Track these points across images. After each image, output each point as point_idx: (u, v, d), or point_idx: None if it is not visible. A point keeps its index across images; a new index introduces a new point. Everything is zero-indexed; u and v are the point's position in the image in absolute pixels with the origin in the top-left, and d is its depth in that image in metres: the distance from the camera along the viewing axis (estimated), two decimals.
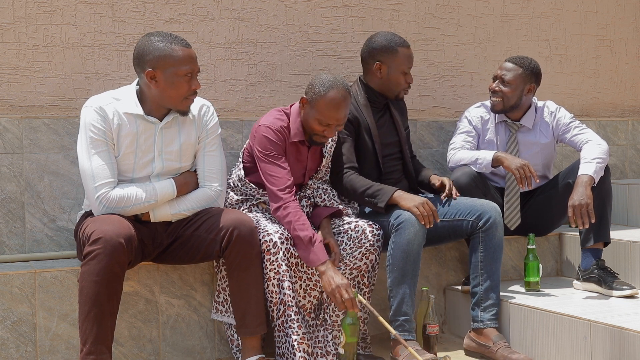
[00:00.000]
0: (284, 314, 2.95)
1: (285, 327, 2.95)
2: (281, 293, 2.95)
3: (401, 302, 3.12)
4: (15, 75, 3.31)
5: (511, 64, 3.66)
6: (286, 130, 3.14)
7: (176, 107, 2.89)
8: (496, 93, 3.67)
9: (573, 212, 3.30)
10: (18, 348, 2.94)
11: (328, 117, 3.06)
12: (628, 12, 4.81)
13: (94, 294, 2.61)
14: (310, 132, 3.15)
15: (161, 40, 2.82)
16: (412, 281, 3.14)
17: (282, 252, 2.95)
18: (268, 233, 2.96)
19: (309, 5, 3.88)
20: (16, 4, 3.30)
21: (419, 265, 3.16)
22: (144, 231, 2.89)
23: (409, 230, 3.11)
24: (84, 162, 2.82)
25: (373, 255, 3.17)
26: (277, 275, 2.95)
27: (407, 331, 3.11)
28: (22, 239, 3.28)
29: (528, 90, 3.67)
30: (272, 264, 2.95)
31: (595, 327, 2.91)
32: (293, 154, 3.18)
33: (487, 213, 3.28)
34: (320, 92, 3.06)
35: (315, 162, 3.30)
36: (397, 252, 3.12)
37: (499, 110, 3.69)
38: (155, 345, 3.12)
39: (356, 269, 3.16)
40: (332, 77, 3.10)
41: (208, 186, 3.00)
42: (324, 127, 3.08)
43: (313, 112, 3.08)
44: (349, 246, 3.15)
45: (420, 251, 3.16)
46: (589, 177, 3.37)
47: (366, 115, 3.42)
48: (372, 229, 3.16)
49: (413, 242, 3.12)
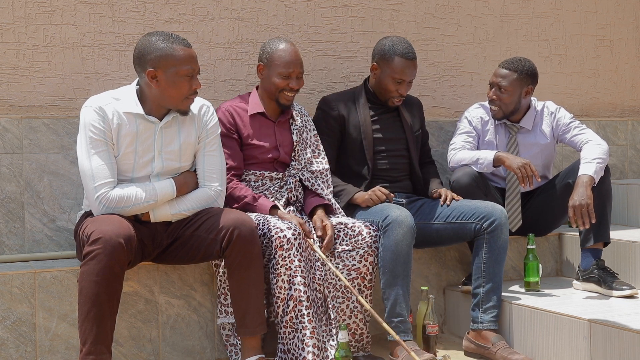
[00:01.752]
0: (293, 310, 2.95)
1: (295, 322, 2.95)
2: (291, 289, 2.96)
3: (394, 303, 3.12)
4: (15, 75, 3.31)
5: (505, 70, 3.63)
6: (237, 108, 3.29)
7: (177, 107, 2.89)
8: (494, 102, 3.67)
9: (573, 213, 3.30)
10: (18, 348, 2.94)
11: (287, 66, 3.23)
12: (628, 12, 4.81)
13: (94, 294, 2.61)
14: (275, 96, 3.27)
15: (162, 40, 2.82)
16: (404, 282, 3.14)
17: (294, 249, 2.97)
18: (281, 229, 2.98)
19: (308, 5, 3.88)
20: (16, 4, 3.30)
21: (410, 266, 3.16)
22: (144, 231, 2.89)
23: (396, 231, 3.11)
24: (84, 162, 2.82)
25: (372, 257, 3.17)
26: (289, 271, 2.96)
27: (403, 332, 3.11)
28: (21, 239, 3.28)
29: (526, 92, 3.66)
30: (285, 259, 2.96)
31: (595, 327, 2.91)
32: (257, 129, 3.28)
33: (492, 215, 3.28)
34: (271, 49, 3.27)
35: (287, 137, 3.34)
36: (387, 253, 3.13)
37: (500, 117, 3.69)
38: (155, 346, 3.12)
39: (355, 271, 3.16)
40: (273, 38, 3.34)
41: (208, 186, 3.00)
42: (286, 79, 3.23)
43: (272, 71, 3.25)
44: (345, 242, 3.16)
45: (410, 251, 3.15)
46: (589, 177, 3.37)
47: (361, 113, 3.44)
48: (369, 230, 3.17)
49: (401, 242, 3.11)
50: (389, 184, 3.51)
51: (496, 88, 3.65)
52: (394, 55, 3.42)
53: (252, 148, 3.27)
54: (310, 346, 2.89)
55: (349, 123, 3.47)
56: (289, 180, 3.29)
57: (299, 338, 2.93)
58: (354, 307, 3.18)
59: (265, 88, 3.30)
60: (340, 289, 3.16)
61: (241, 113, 3.29)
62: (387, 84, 3.45)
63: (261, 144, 3.27)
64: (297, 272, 2.96)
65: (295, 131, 3.35)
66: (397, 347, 3.09)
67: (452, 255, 3.75)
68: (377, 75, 3.48)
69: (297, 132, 3.35)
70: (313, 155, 3.38)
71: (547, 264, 3.92)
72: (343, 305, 3.15)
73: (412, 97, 3.72)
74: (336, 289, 3.16)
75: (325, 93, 3.89)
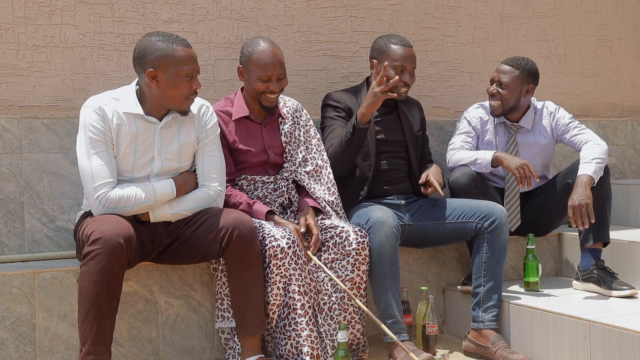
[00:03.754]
0: (287, 317, 2.95)
1: (289, 329, 2.94)
2: (286, 296, 2.95)
3: (386, 305, 3.12)
4: (15, 75, 3.31)
5: (508, 67, 3.65)
6: (221, 113, 3.25)
7: (177, 107, 2.89)
8: (494, 96, 3.67)
9: (573, 213, 3.30)
10: (17, 348, 2.94)
11: (265, 69, 3.15)
12: (627, 12, 4.81)
13: (94, 294, 2.61)
14: (258, 98, 3.21)
15: (162, 40, 2.82)
16: (392, 282, 3.13)
17: (289, 257, 2.96)
18: (275, 238, 2.96)
19: (308, 5, 3.88)
20: (15, 4, 3.30)
21: (397, 266, 3.15)
22: (144, 231, 2.89)
23: (379, 233, 3.11)
24: (83, 162, 2.82)
25: (364, 265, 3.13)
26: (284, 279, 2.95)
27: (397, 332, 3.10)
28: (21, 239, 3.28)
29: (526, 91, 3.67)
30: (279, 268, 2.95)
31: (595, 327, 2.91)
32: (243, 133, 3.24)
33: (493, 214, 3.29)
34: (248, 51, 3.20)
35: (275, 139, 3.30)
36: (373, 256, 3.12)
37: (499, 114, 3.69)
38: (155, 346, 3.12)
39: (349, 281, 3.12)
40: (253, 38, 3.27)
41: (207, 186, 3.00)
42: (266, 82, 3.17)
43: (251, 74, 3.19)
44: (334, 251, 3.12)
45: (396, 252, 3.14)
46: (588, 177, 3.37)
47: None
48: (356, 236, 3.12)
49: (385, 244, 3.11)
50: (388, 186, 3.51)
51: (497, 83, 3.66)
52: (390, 44, 3.45)
53: (240, 153, 3.23)
54: (304, 352, 2.89)
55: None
56: (281, 183, 3.26)
57: (292, 345, 2.92)
58: (351, 319, 3.13)
59: (248, 91, 3.24)
60: (337, 300, 3.10)
61: (225, 119, 3.24)
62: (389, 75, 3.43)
63: (248, 149, 3.23)
64: (292, 281, 2.95)
65: (284, 131, 3.30)
66: (394, 348, 3.09)
67: (452, 255, 3.75)
68: (378, 70, 3.45)
69: (287, 132, 3.30)
70: (307, 152, 3.33)
71: (546, 264, 3.92)
72: (340, 317, 3.11)
73: (411, 98, 3.72)
74: (332, 300, 3.10)
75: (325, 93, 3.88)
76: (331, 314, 3.10)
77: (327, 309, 3.09)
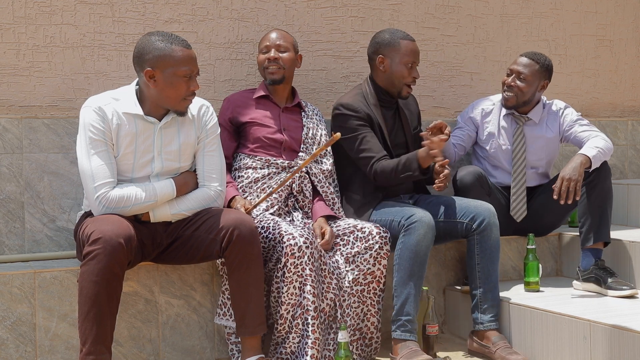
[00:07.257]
0: (301, 316, 2.96)
1: (301, 329, 2.96)
2: (301, 296, 2.96)
3: (405, 301, 3.12)
4: (15, 75, 3.31)
5: (528, 60, 3.66)
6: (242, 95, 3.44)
7: (174, 108, 2.89)
8: (511, 88, 3.68)
9: (561, 183, 3.31)
10: (18, 348, 2.94)
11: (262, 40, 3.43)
12: (627, 13, 4.81)
13: (94, 294, 2.61)
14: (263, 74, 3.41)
15: (161, 40, 2.82)
16: (417, 282, 3.13)
17: (306, 257, 2.96)
18: (293, 237, 2.97)
19: (308, 5, 3.88)
20: (16, 4, 3.30)
21: (425, 266, 3.16)
22: (144, 231, 2.89)
23: (419, 231, 3.11)
24: (83, 162, 2.82)
25: (385, 259, 3.17)
26: (300, 279, 2.96)
27: (409, 331, 3.11)
28: (21, 239, 3.28)
29: (542, 86, 3.70)
30: (297, 267, 2.96)
31: (595, 327, 2.91)
32: (261, 112, 3.37)
33: (480, 215, 3.27)
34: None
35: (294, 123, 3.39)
36: (405, 252, 3.12)
37: (512, 105, 3.70)
38: (155, 346, 3.12)
39: (370, 275, 3.16)
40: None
41: (208, 186, 3.00)
42: (264, 54, 3.39)
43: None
44: (357, 245, 3.16)
45: (428, 252, 3.16)
46: (586, 157, 3.39)
47: (377, 115, 3.41)
48: (379, 231, 3.17)
49: (422, 242, 3.12)
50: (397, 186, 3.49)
51: (516, 75, 3.67)
52: (399, 39, 3.42)
53: (256, 128, 3.31)
54: (309, 356, 2.90)
55: (374, 123, 3.40)
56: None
57: (300, 342, 2.94)
58: (367, 311, 3.18)
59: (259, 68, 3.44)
60: (357, 294, 3.14)
61: (247, 98, 3.42)
62: (400, 71, 3.40)
63: (265, 124, 3.33)
64: (308, 281, 2.96)
65: (306, 119, 3.42)
66: (398, 345, 3.09)
67: (452, 255, 3.75)
68: (387, 66, 3.42)
69: (309, 121, 3.42)
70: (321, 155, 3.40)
71: (547, 264, 3.92)
72: (358, 310, 3.15)
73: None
74: (351, 295, 3.14)
75: (325, 93, 3.90)
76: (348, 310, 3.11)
77: (346, 306, 3.11)
